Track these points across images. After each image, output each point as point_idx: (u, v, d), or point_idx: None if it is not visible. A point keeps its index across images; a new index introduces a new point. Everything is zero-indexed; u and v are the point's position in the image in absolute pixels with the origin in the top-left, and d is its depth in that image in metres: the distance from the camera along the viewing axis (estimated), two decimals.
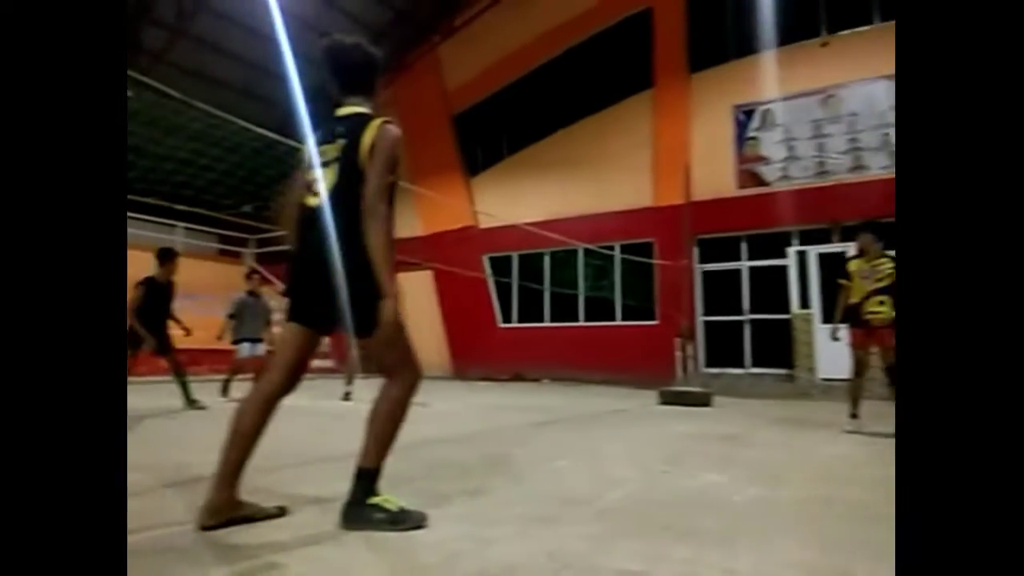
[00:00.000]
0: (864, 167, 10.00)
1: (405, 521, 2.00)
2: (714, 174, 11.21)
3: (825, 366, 9.36)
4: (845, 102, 10.22)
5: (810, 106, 10.55)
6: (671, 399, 7.15)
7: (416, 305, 12.03)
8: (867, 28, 10.24)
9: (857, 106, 10.07)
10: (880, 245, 4.91)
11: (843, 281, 5.06)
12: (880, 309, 4.76)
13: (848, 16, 10.36)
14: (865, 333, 4.84)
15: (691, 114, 11.77)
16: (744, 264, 11.13)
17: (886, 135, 9.76)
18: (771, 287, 10.60)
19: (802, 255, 10.28)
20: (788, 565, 1.74)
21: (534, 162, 13.49)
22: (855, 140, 10.10)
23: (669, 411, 6.48)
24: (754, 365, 10.74)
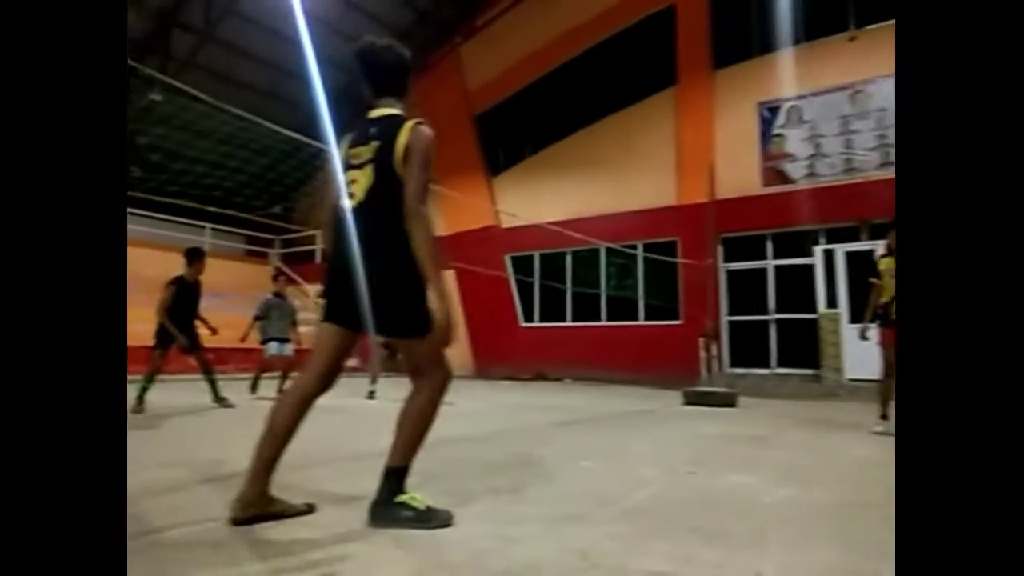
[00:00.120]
0: (893, 163, 9.80)
1: (432, 519, 2.01)
2: (738, 172, 11.08)
3: (853, 366, 9.20)
4: (874, 97, 10.02)
5: (838, 102, 10.36)
6: (695, 399, 7.09)
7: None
8: None
9: (886, 101, 9.85)
10: None
11: (874, 280, 4.98)
12: None
13: (877, 9, 10.14)
14: (895, 332, 4.76)
15: (715, 111, 11.65)
16: (769, 263, 10.99)
17: None
18: (797, 286, 10.44)
19: (829, 253, 10.11)
20: (819, 569, 1.72)
21: (556, 161, 13.46)
22: (884, 136, 9.89)
23: (693, 411, 6.42)
24: (780, 365, 10.59)
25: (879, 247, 6.78)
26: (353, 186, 2.14)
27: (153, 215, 13.01)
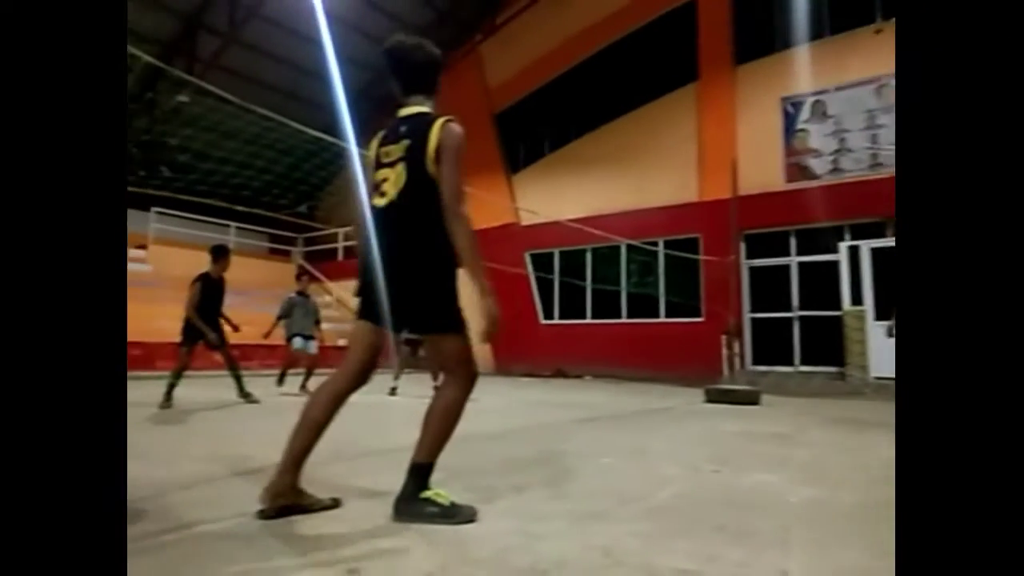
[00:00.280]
0: None
1: (456, 515, 2.03)
2: (761, 168, 10.96)
3: (878, 364, 9.06)
4: None
5: (863, 96, 10.18)
6: (717, 397, 7.03)
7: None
8: None
9: None
10: None
11: None
12: None
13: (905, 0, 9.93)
14: None
15: (737, 107, 11.52)
16: (793, 259, 10.85)
17: None
18: (821, 283, 10.29)
19: (854, 250, 9.95)
20: (845, 569, 1.70)
21: (576, 159, 13.42)
22: None
23: (716, 409, 6.37)
24: (803, 363, 10.45)
25: None
26: (384, 184, 2.16)
27: (180, 214, 13.26)
